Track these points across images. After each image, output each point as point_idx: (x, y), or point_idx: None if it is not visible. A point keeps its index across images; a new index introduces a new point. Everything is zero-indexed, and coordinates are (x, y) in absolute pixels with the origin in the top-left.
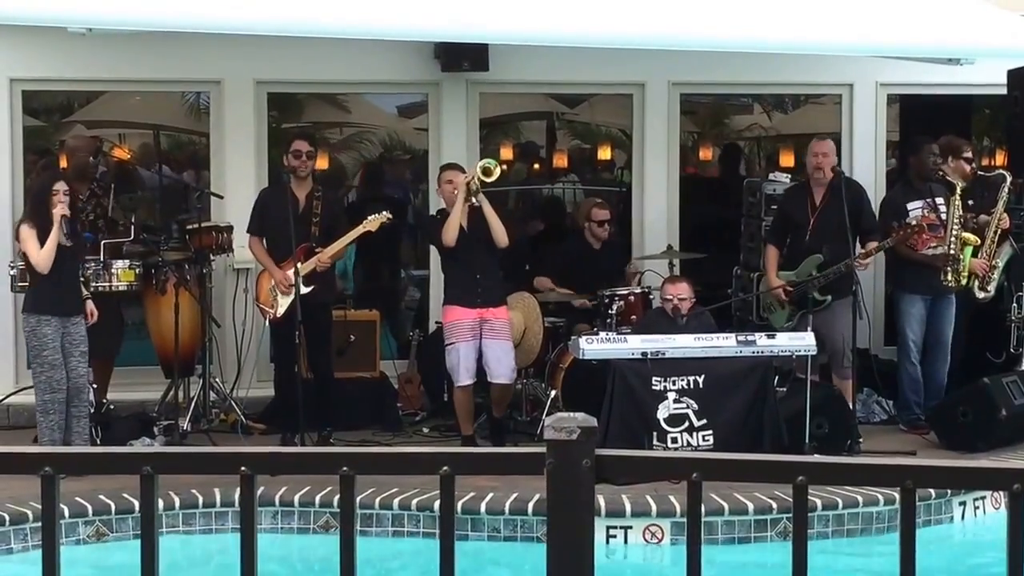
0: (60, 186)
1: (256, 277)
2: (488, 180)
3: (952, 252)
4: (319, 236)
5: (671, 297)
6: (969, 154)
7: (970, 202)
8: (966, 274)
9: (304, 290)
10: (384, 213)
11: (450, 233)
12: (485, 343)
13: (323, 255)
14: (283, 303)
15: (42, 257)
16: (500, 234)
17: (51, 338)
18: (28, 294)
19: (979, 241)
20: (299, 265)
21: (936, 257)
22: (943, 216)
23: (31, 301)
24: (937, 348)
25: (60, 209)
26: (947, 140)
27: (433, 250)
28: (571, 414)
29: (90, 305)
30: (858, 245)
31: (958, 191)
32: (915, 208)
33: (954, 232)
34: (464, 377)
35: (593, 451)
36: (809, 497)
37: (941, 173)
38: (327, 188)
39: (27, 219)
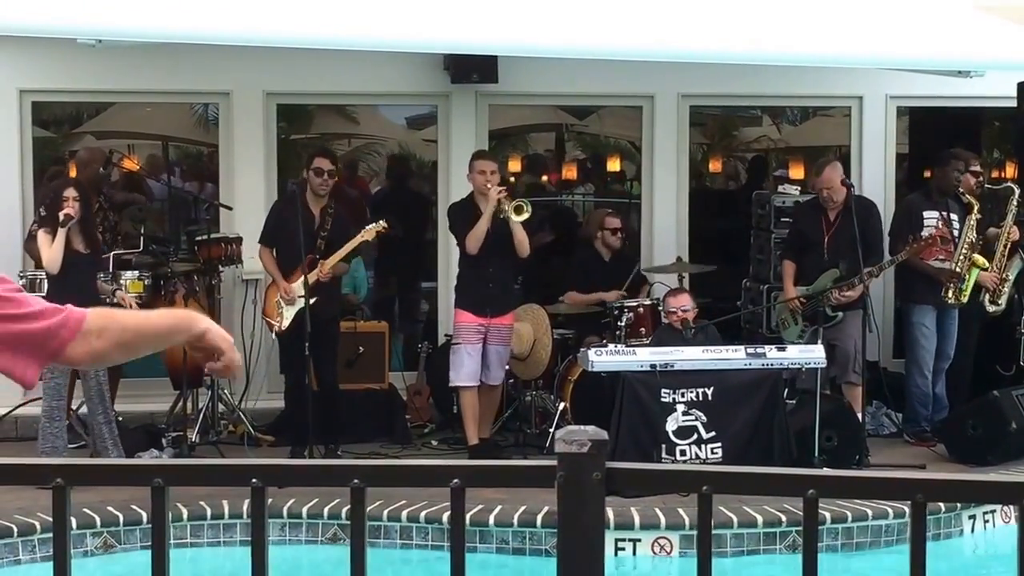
0: (70, 192)
1: (264, 290)
2: (515, 218)
3: (959, 270)
4: (323, 250)
5: (675, 309)
6: (977, 167)
7: (979, 215)
8: (967, 295)
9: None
10: (380, 222)
11: (473, 243)
12: (486, 346)
13: (323, 266)
14: (287, 315)
15: (51, 257)
16: (522, 245)
17: None
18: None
19: (987, 264)
20: (306, 276)
21: (941, 272)
22: (955, 232)
23: None
24: (942, 362)
25: (66, 210)
26: (955, 153)
27: (443, 261)
28: (582, 427)
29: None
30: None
31: (975, 211)
32: (931, 218)
33: (964, 252)
34: (465, 378)
35: (604, 464)
36: (819, 510)
37: (961, 191)
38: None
39: (43, 225)
